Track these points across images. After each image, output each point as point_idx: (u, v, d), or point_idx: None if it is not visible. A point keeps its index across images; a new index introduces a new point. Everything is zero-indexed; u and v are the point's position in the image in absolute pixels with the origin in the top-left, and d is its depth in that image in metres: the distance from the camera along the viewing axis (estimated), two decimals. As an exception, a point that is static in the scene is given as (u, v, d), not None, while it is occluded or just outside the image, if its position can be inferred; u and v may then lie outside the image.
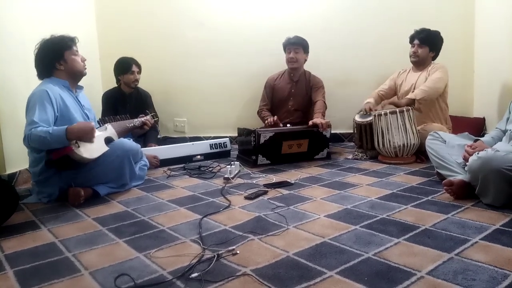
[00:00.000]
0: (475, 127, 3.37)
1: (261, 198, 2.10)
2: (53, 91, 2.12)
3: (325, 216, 1.79)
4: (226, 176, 2.49)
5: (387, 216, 1.77)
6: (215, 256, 1.38)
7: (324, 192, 2.18)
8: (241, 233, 1.61)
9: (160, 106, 3.67)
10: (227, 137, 3.50)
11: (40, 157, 2.10)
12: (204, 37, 3.88)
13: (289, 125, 3.23)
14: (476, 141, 2.14)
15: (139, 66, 3.38)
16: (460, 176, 2.02)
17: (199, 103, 4.01)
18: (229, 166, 2.59)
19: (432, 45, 3.04)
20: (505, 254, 1.34)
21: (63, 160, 2.00)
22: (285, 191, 2.22)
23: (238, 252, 1.42)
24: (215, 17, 3.86)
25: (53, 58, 2.19)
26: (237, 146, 3.37)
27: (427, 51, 3.04)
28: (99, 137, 2.17)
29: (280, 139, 2.91)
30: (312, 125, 3.02)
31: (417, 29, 3.08)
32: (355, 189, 2.24)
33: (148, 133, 2.99)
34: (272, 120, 3.20)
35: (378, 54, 3.78)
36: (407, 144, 2.82)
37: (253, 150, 2.89)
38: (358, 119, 3.09)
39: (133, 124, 2.54)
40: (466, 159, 2.01)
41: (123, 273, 1.28)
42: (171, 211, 1.94)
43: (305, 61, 3.44)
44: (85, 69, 2.30)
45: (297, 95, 3.43)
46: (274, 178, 2.51)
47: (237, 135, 3.29)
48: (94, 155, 2.09)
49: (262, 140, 2.85)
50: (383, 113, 2.88)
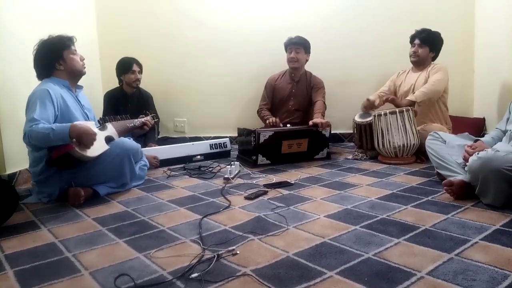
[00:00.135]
0: (475, 127, 3.37)
1: (261, 198, 2.10)
2: (54, 90, 2.13)
3: (325, 216, 1.79)
4: (226, 176, 2.49)
5: (387, 216, 1.77)
6: (215, 256, 1.38)
7: (324, 192, 2.18)
8: (241, 233, 1.61)
9: (160, 106, 3.67)
10: (227, 137, 3.50)
11: (40, 157, 2.10)
12: (204, 37, 3.88)
13: (289, 125, 3.23)
14: (476, 141, 2.14)
15: (140, 66, 3.39)
16: (460, 176, 2.02)
17: (199, 103, 4.01)
18: (229, 166, 2.59)
19: (432, 46, 3.04)
20: (505, 254, 1.34)
21: (64, 158, 2.00)
22: (285, 191, 2.22)
23: (238, 252, 1.42)
24: (215, 17, 3.86)
25: (52, 58, 2.19)
26: (237, 146, 3.37)
27: (427, 51, 3.04)
28: (99, 136, 2.17)
29: (280, 138, 2.91)
30: (312, 124, 3.02)
31: (417, 29, 3.08)
32: (355, 189, 2.24)
33: (148, 133, 3.00)
34: (273, 120, 3.20)
35: (378, 54, 3.78)
36: (407, 144, 2.82)
37: (253, 150, 2.89)
38: (358, 119, 3.09)
39: (133, 124, 2.55)
40: (466, 159, 2.01)
41: (123, 273, 1.28)
42: (171, 211, 1.94)
43: (306, 61, 3.44)
44: (84, 68, 2.31)
45: (297, 95, 3.43)
46: (274, 178, 2.51)
47: (237, 135, 3.29)
48: (94, 153, 2.10)
49: (261, 139, 2.85)
50: (383, 113, 2.88)
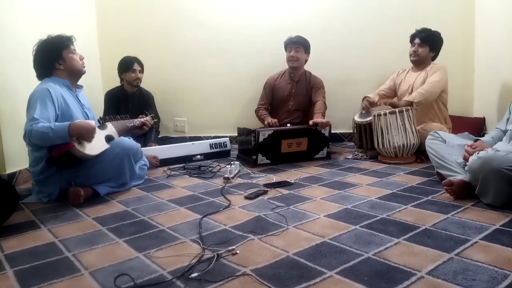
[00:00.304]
0: (475, 127, 3.37)
1: (261, 198, 2.10)
2: (54, 89, 2.13)
3: (325, 216, 1.79)
4: (226, 176, 2.49)
5: (387, 216, 1.77)
6: (215, 256, 1.38)
7: (324, 192, 2.18)
8: (241, 233, 1.61)
9: (160, 106, 3.67)
10: (227, 137, 3.49)
11: (40, 157, 2.10)
12: (204, 37, 3.87)
13: (289, 125, 3.23)
14: (476, 141, 2.14)
15: (141, 65, 3.39)
16: (460, 176, 2.02)
17: (199, 103, 4.01)
18: (229, 166, 2.59)
19: (432, 45, 3.04)
20: (505, 254, 1.34)
21: (64, 157, 2.00)
22: (285, 191, 2.22)
23: (238, 252, 1.42)
24: (215, 17, 3.86)
25: (51, 58, 2.20)
26: (237, 146, 3.37)
27: (427, 51, 3.04)
28: (99, 135, 2.17)
29: (279, 137, 2.91)
30: (312, 124, 3.02)
31: (418, 28, 3.08)
32: (355, 189, 2.24)
33: (148, 133, 3.00)
34: (271, 121, 3.20)
35: (378, 54, 3.78)
36: (407, 144, 2.82)
37: (253, 149, 2.89)
38: (357, 119, 3.09)
39: (133, 124, 2.55)
40: (466, 159, 2.01)
41: (123, 273, 1.28)
42: (171, 211, 1.94)
43: (306, 61, 3.44)
44: (84, 67, 2.31)
45: (297, 95, 3.43)
46: (274, 178, 2.51)
47: (237, 134, 3.29)
48: (95, 152, 2.10)
49: (261, 138, 2.85)
50: (382, 113, 2.88)
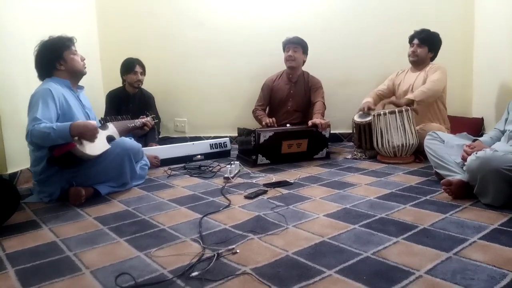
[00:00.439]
0: (473, 127, 3.37)
1: (260, 197, 2.11)
2: (56, 89, 2.14)
3: (324, 216, 1.80)
4: (226, 175, 2.50)
5: (386, 215, 1.78)
6: (215, 255, 1.38)
7: (323, 192, 2.19)
8: (241, 232, 1.61)
9: (160, 106, 3.68)
10: (227, 137, 3.50)
11: (42, 156, 2.11)
12: (204, 37, 3.88)
13: (288, 125, 3.24)
14: (474, 141, 2.15)
15: (143, 67, 3.41)
16: (459, 176, 2.03)
17: (199, 103, 4.01)
18: (229, 166, 2.59)
19: (431, 46, 3.05)
20: (503, 254, 1.34)
21: (66, 156, 2.01)
22: (284, 191, 2.22)
23: (238, 251, 1.43)
24: (215, 17, 3.87)
25: (52, 58, 2.21)
26: (237, 146, 3.38)
27: (426, 51, 3.05)
28: (101, 135, 2.18)
29: (280, 138, 2.92)
30: (311, 125, 3.03)
31: (417, 29, 3.09)
32: (354, 188, 2.25)
33: (148, 133, 3.01)
34: (270, 121, 3.20)
35: (378, 54, 3.78)
36: (406, 144, 2.82)
37: (253, 149, 2.89)
38: (357, 119, 3.10)
39: (133, 125, 2.56)
40: (464, 159, 2.01)
41: (124, 272, 1.28)
42: (171, 211, 1.95)
43: (304, 62, 3.44)
44: (85, 68, 2.32)
45: (296, 96, 3.44)
46: (274, 178, 2.52)
47: (237, 135, 3.30)
48: (96, 152, 2.11)
49: (262, 139, 2.86)
50: (382, 113, 2.88)
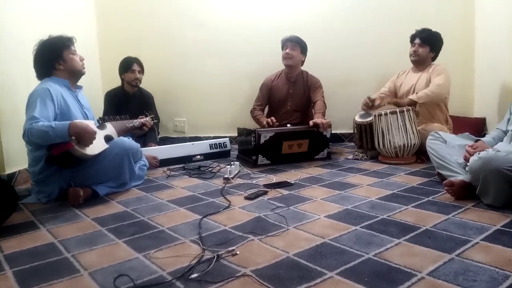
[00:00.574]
0: (475, 127, 3.36)
1: (261, 198, 2.10)
2: (54, 89, 2.13)
3: (325, 217, 1.79)
4: (226, 176, 2.49)
5: (388, 216, 1.77)
6: (215, 256, 1.37)
7: (324, 193, 2.18)
8: (241, 233, 1.60)
9: (160, 106, 3.67)
10: (227, 137, 3.49)
11: (40, 156, 2.10)
12: (204, 37, 3.87)
13: (289, 125, 3.22)
14: (477, 141, 2.14)
15: (141, 66, 3.39)
16: (461, 177, 2.02)
17: (199, 103, 4.00)
18: (229, 166, 2.58)
19: (432, 45, 3.04)
20: (506, 255, 1.34)
21: (64, 156, 2.00)
22: (285, 192, 2.21)
23: (238, 252, 1.42)
24: (215, 17, 3.86)
25: (52, 58, 2.20)
26: (237, 146, 3.37)
27: (428, 51, 3.04)
28: (99, 135, 2.17)
29: (281, 139, 2.91)
30: (312, 125, 3.01)
31: (418, 29, 3.08)
32: (356, 189, 2.23)
33: (147, 133, 2.99)
34: (269, 121, 3.19)
35: (378, 54, 3.77)
36: (408, 144, 2.81)
37: (253, 150, 2.88)
38: (358, 119, 3.09)
39: (132, 125, 2.55)
40: (467, 159, 2.00)
41: (123, 273, 1.27)
42: (170, 212, 1.94)
43: (302, 62, 3.42)
44: (84, 68, 2.32)
45: (295, 95, 3.42)
46: (274, 178, 2.51)
47: (237, 135, 3.29)
48: (94, 151, 2.10)
49: (262, 140, 2.84)
50: (383, 113, 2.87)
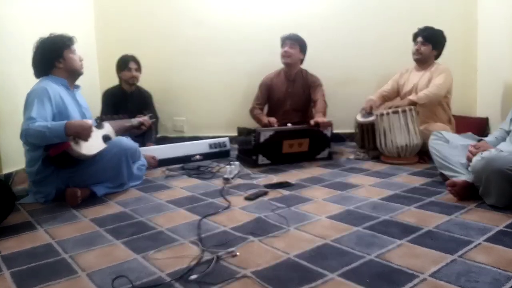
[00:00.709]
0: (478, 127, 3.34)
1: (261, 198, 2.08)
2: (52, 88, 2.13)
3: (326, 217, 1.77)
4: (225, 176, 2.48)
5: (389, 217, 1.75)
6: (214, 257, 1.37)
7: (325, 193, 2.16)
8: (241, 234, 1.59)
9: (159, 105, 3.65)
10: (226, 136, 3.47)
11: (37, 157, 2.09)
12: (204, 35, 3.85)
13: (289, 124, 3.21)
14: (479, 141, 2.13)
15: (138, 64, 3.36)
16: (463, 177, 2.00)
17: (198, 102, 3.99)
18: (228, 166, 2.57)
19: (435, 44, 3.02)
20: (508, 256, 1.33)
21: (62, 156, 1.99)
22: (285, 192, 2.20)
23: (238, 253, 1.41)
24: (214, 15, 3.84)
25: (52, 57, 2.20)
26: (236, 146, 3.35)
27: (430, 49, 3.02)
28: (96, 135, 2.16)
29: (281, 137, 2.89)
30: (313, 124, 3.00)
31: (420, 27, 3.06)
32: (357, 189, 2.22)
33: (146, 133, 2.98)
34: (270, 120, 3.17)
35: (379, 53, 3.75)
36: (410, 144, 2.79)
37: (254, 149, 2.87)
38: (360, 119, 3.07)
39: (130, 124, 2.53)
40: (469, 159, 1.99)
41: (121, 274, 1.26)
42: (169, 212, 1.93)
43: (301, 61, 3.40)
44: (82, 68, 2.32)
45: (294, 94, 3.40)
46: (275, 179, 2.49)
47: (237, 134, 3.27)
48: (92, 151, 2.09)
49: (262, 138, 2.83)
50: (385, 112, 2.86)
